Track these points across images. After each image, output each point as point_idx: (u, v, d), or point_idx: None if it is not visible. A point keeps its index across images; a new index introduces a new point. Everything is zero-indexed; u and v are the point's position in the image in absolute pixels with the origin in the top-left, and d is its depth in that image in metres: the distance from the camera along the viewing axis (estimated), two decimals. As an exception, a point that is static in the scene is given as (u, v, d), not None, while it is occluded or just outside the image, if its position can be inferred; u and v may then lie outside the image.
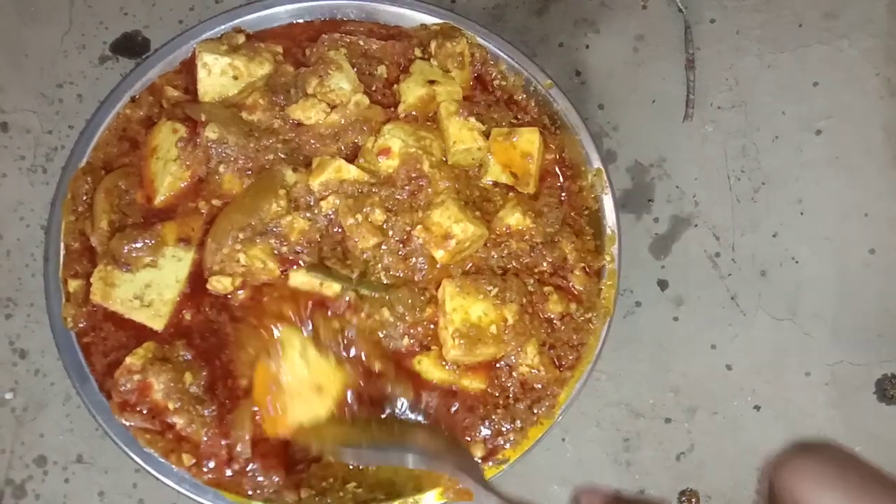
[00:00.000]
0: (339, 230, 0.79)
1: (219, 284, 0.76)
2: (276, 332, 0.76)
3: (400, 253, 0.78)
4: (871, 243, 0.98)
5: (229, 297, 0.78)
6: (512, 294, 0.78)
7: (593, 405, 0.93)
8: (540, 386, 0.79)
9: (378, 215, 0.78)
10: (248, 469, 0.74)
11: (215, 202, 0.80)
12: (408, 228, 0.78)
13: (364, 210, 0.77)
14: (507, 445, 0.78)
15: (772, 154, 1.01)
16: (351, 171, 0.79)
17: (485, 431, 0.78)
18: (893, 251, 0.98)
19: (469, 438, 0.78)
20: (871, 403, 0.94)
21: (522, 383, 0.79)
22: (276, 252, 0.77)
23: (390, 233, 0.78)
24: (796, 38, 1.06)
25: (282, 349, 0.75)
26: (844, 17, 1.06)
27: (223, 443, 0.74)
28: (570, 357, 0.80)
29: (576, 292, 0.83)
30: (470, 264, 0.80)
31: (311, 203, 0.78)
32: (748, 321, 0.96)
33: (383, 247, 0.78)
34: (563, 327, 0.80)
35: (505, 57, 0.91)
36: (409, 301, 0.77)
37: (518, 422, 0.78)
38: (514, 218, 0.81)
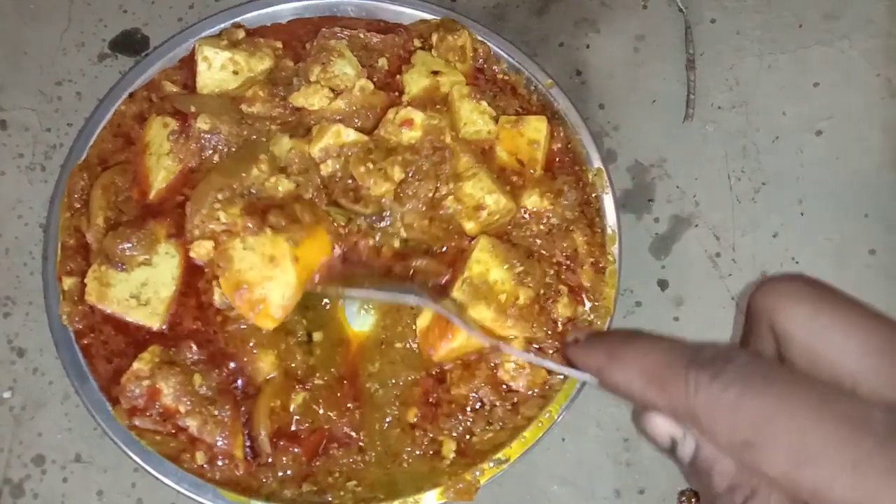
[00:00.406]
0: (352, 181, 0.78)
1: (201, 249, 0.75)
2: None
3: (426, 217, 0.79)
4: (871, 244, 0.98)
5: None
6: (533, 280, 0.77)
7: (593, 405, 0.92)
8: (522, 386, 0.78)
9: (397, 172, 0.77)
10: (269, 461, 0.74)
11: None
12: (430, 195, 0.78)
13: (379, 163, 0.78)
14: (506, 448, 0.77)
15: (772, 154, 1.01)
16: (350, 135, 0.79)
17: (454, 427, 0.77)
18: (894, 252, 0.98)
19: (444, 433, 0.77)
20: (871, 404, 0.94)
21: (502, 385, 0.78)
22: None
23: (411, 190, 0.78)
24: (797, 38, 1.06)
25: (228, 257, 0.74)
26: (845, 17, 1.06)
27: (245, 442, 0.74)
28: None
29: (585, 288, 0.82)
30: (505, 235, 0.81)
31: (304, 168, 0.78)
32: (748, 321, 0.96)
33: (408, 206, 0.78)
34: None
35: (506, 56, 0.91)
36: (423, 247, 0.78)
37: (499, 423, 0.77)
38: (531, 200, 0.81)
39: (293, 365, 0.77)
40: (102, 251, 0.75)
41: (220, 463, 0.73)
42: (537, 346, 0.79)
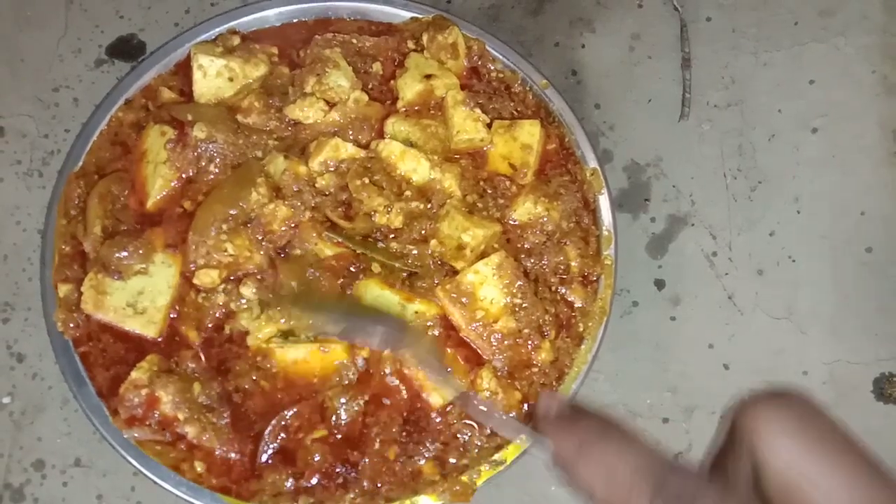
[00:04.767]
0: (345, 196, 0.79)
1: (206, 278, 0.76)
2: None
3: (422, 251, 0.79)
4: (867, 241, 0.98)
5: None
6: (526, 317, 0.77)
7: (591, 405, 0.93)
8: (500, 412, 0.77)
9: (398, 220, 0.78)
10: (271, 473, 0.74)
11: (201, 199, 0.79)
12: (423, 231, 0.79)
13: (375, 178, 0.79)
14: (477, 474, 0.76)
15: (768, 152, 1.01)
16: (348, 149, 0.80)
17: (428, 453, 0.76)
18: (890, 249, 0.98)
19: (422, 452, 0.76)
20: (868, 402, 0.93)
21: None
22: (260, 243, 0.77)
23: (410, 232, 0.79)
24: (792, 36, 1.06)
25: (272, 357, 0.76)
26: (840, 14, 1.06)
27: (243, 450, 0.74)
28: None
29: (575, 311, 0.82)
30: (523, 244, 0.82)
31: (298, 190, 0.78)
32: (745, 320, 0.96)
33: (410, 248, 0.79)
34: (535, 373, 0.79)
35: (501, 57, 0.91)
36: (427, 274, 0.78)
37: (475, 450, 0.77)
38: (524, 208, 0.81)
39: (329, 399, 0.76)
40: (99, 260, 0.76)
41: (217, 469, 0.74)
42: (509, 378, 0.78)
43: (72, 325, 0.76)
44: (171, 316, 0.77)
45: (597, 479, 0.38)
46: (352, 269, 0.79)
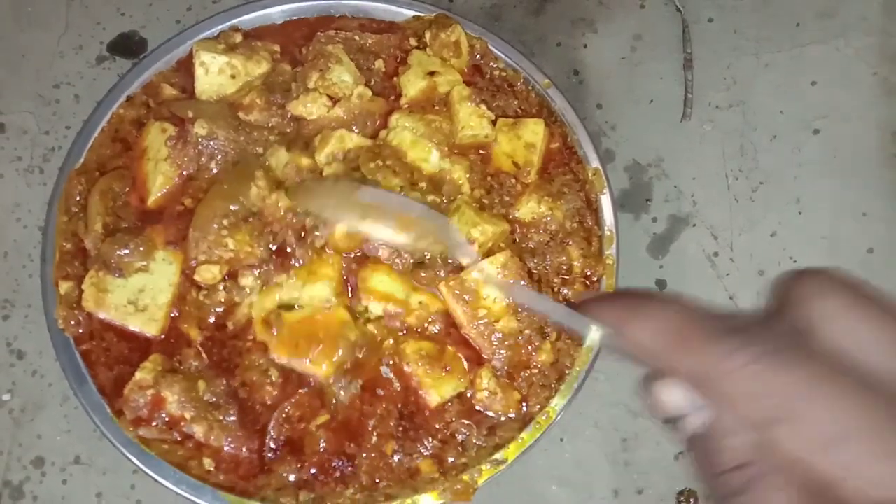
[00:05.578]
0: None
1: (207, 274, 0.75)
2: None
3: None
4: (868, 242, 0.99)
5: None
6: (527, 319, 0.77)
7: (591, 405, 0.93)
8: (498, 411, 0.77)
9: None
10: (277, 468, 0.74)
11: (202, 196, 0.79)
12: None
13: (388, 161, 0.78)
14: (478, 474, 0.76)
15: (769, 153, 1.02)
16: (353, 139, 0.79)
17: (425, 450, 0.76)
18: (891, 250, 0.98)
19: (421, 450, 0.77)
20: (869, 402, 0.94)
21: (475, 413, 0.77)
22: (267, 236, 0.77)
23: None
24: (793, 37, 1.06)
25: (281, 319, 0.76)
26: (840, 16, 1.06)
27: (251, 446, 0.74)
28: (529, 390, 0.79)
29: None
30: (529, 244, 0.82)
31: (301, 180, 0.78)
32: (746, 321, 0.96)
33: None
34: (534, 374, 0.79)
35: (503, 57, 0.91)
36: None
37: (474, 450, 0.76)
38: (528, 207, 0.81)
39: (330, 389, 0.76)
40: (100, 257, 0.75)
41: (225, 466, 0.73)
42: (508, 378, 0.78)
43: (72, 322, 0.75)
44: (173, 314, 0.77)
45: (655, 330, 0.36)
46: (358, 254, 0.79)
